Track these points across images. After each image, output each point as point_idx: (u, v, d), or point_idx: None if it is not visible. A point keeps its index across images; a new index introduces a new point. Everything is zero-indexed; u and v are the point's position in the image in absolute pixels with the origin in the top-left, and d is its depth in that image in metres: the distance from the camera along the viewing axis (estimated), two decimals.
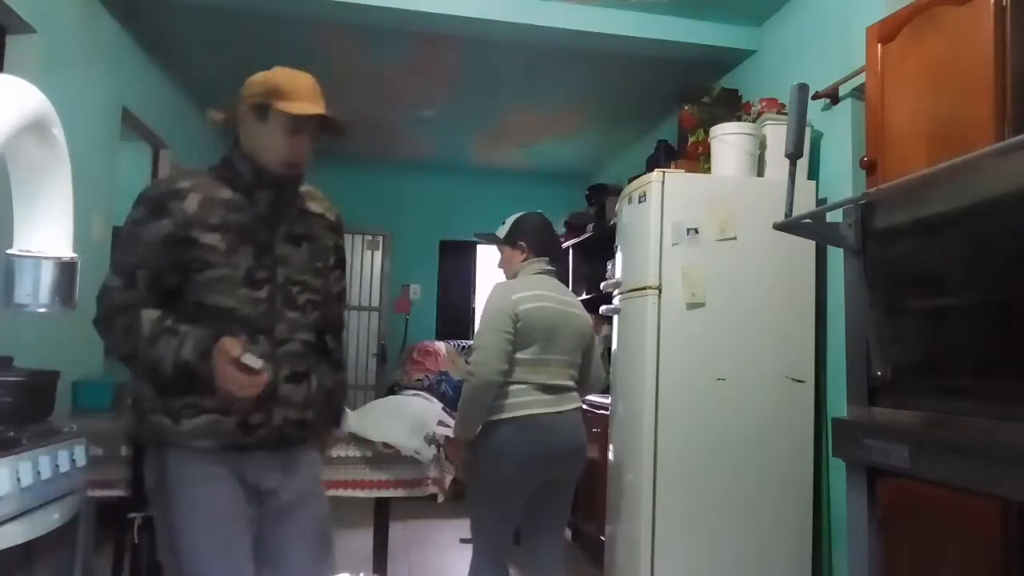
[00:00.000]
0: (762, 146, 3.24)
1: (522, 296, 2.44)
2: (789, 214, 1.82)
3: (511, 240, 2.65)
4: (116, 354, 1.67)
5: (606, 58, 4.07)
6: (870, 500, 1.64)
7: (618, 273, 3.46)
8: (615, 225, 3.63)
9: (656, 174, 3.06)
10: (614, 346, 3.48)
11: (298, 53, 2.21)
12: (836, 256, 2.90)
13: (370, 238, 6.89)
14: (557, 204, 6.23)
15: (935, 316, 1.55)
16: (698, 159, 3.41)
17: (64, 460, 1.98)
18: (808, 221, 1.85)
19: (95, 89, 3.54)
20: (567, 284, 5.57)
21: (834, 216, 1.80)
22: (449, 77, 4.51)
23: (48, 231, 0.94)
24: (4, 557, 1.68)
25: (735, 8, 3.67)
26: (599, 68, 4.25)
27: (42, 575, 1.88)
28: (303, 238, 1.79)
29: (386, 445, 2.68)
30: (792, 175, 1.81)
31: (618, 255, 3.50)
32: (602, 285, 4.10)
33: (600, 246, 4.94)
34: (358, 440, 2.68)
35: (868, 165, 2.48)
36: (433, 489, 2.77)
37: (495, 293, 2.49)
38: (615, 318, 3.46)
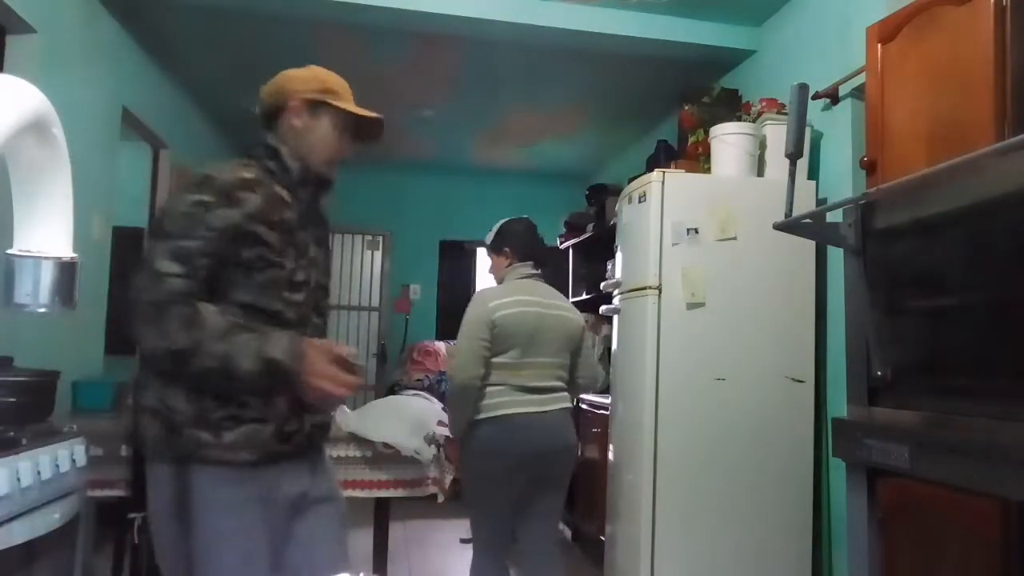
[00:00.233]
0: (762, 146, 3.24)
1: (499, 303, 2.53)
2: (789, 214, 1.82)
3: (496, 247, 2.75)
4: (165, 346, 1.44)
5: (606, 58, 4.07)
6: (870, 500, 1.64)
7: (618, 273, 3.45)
8: (615, 225, 3.63)
9: (656, 174, 3.07)
10: (614, 346, 3.48)
11: (298, 53, 2.20)
12: (836, 256, 2.90)
13: (370, 238, 6.89)
14: (557, 204, 6.25)
15: (935, 316, 1.55)
16: (698, 159, 3.41)
17: (64, 460, 1.98)
18: (808, 221, 1.85)
19: (95, 89, 3.54)
20: (567, 284, 5.65)
21: (834, 216, 1.80)
22: (449, 77, 4.51)
23: (48, 231, 0.94)
24: (4, 557, 1.68)
25: (735, 8, 3.67)
26: (599, 68, 4.25)
27: (42, 575, 1.88)
28: (323, 241, 1.76)
29: (386, 445, 2.68)
30: (792, 175, 1.81)
31: (618, 255, 3.50)
32: (602, 285, 4.10)
33: (600, 246, 4.94)
34: (358, 440, 2.68)
35: (868, 165, 2.48)
36: (433, 489, 2.77)
37: (474, 300, 2.61)
38: (615, 318, 3.46)
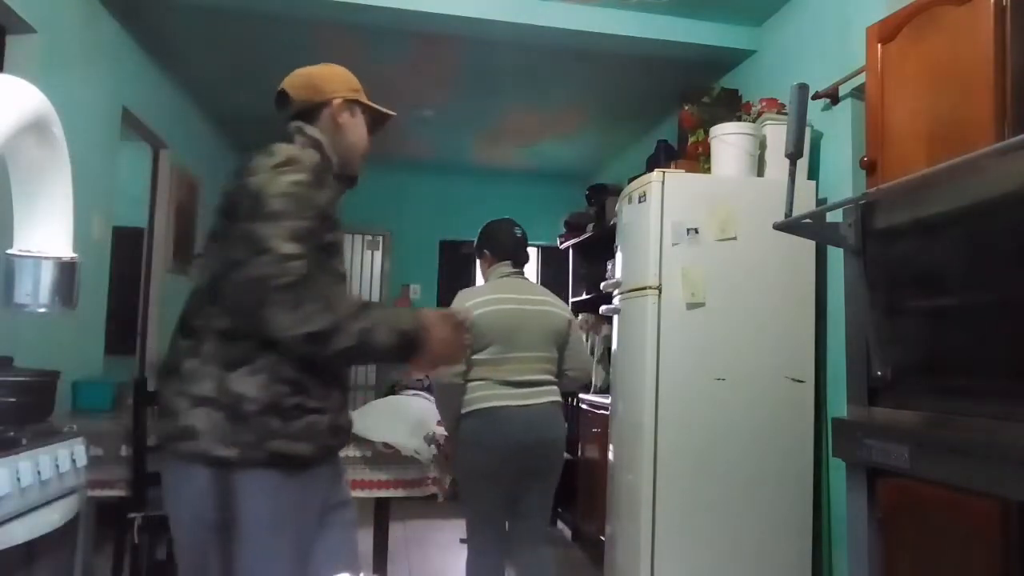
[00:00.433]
0: (762, 146, 3.24)
1: (475, 302, 2.63)
2: (789, 214, 1.82)
3: (479, 250, 2.88)
4: (304, 330, 1.36)
5: (606, 58, 4.07)
6: (870, 500, 1.64)
7: (618, 273, 3.45)
8: (615, 225, 3.63)
9: (656, 174, 3.06)
10: (614, 346, 3.48)
11: (298, 53, 2.21)
12: (836, 256, 2.90)
13: (370, 238, 6.89)
14: (557, 204, 6.25)
15: (935, 316, 1.55)
16: (698, 159, 3.41)
17: (64, 460, 1.98)
18: (808, 221, 1.85)
19: (95, 89, 3.54)
20: (567, 284, 5.66)
21: (834, 216, 1.80)
22: (449, 77, 4.51)
23: (48, 231, 0.94)
24: (4, 557, 1.68)
25: (735, 8, 3.67)
26: (599, 68, 4.25)
27: (42, 575, 1.88)
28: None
29: (386, 445, 2.69)
30: (792, 175, 1.81)
31: (618, 255, 3.50)
32: (602, 285, 4.10)
33: (600, 246, 4.94)
34: (358, 440, 2.68)
35: (868, 165, 2.48)
36: (433, 489, 2.78)
37: (454, 301, 2.70)
38: (615, 318, 3.46)
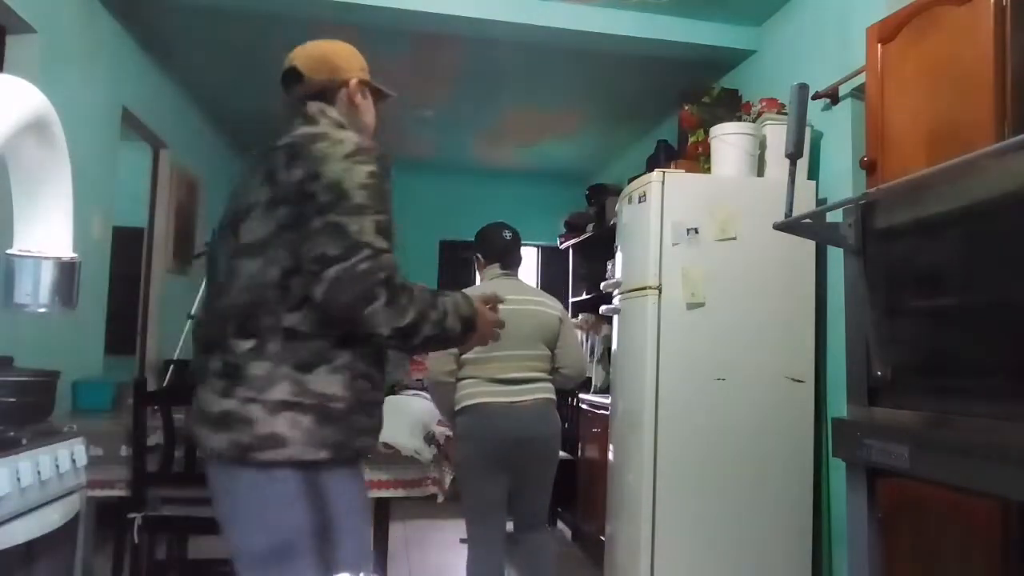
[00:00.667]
0: (762, 146, 3.24)
1: None
2: (789, 214, 1.82)
3: (474, 253, 2.99)
4: (398, 324, 1.37)
5: (606, 58, 4.07)
6: (870, 500, 1.64)
7: (618, 273, 3.45)
8: (615, 225, 3.63)
9: (656, 174, 3.06)
10: (614, 346, 3.48)
11: None
12: (836, 256, 2.90)
13: None
14: (557, 204, 6.25)
15: (935, 316, 1.55)
16: (698, 159, 3.40)
17: (64, 460, 1.98)
18: (808, 221, 1.85)
19: (95, 89, 3.54)
20: (567, 284, 5.66)
21: (834, 216, 1.80)
22: (449, 77, 4.51)
23: (48, 231, 0.94)
24: (4, 557, 1.68)
25: (735, 8, 3.67)
26: (599, 68, 4.25)
27: (42, 575, 1.89)
28: None
29: (386, 445, 2.68)
30: (792, 175, 1.81)
31: (618, 255, 3.50)
32: (602, 285, 4.10)
33: (600, 246, 4.94)
34: None
35: (868, 165, 2.48)
36: (433, 489, 2.77)
37: None
38: (615, 318, 3.46)
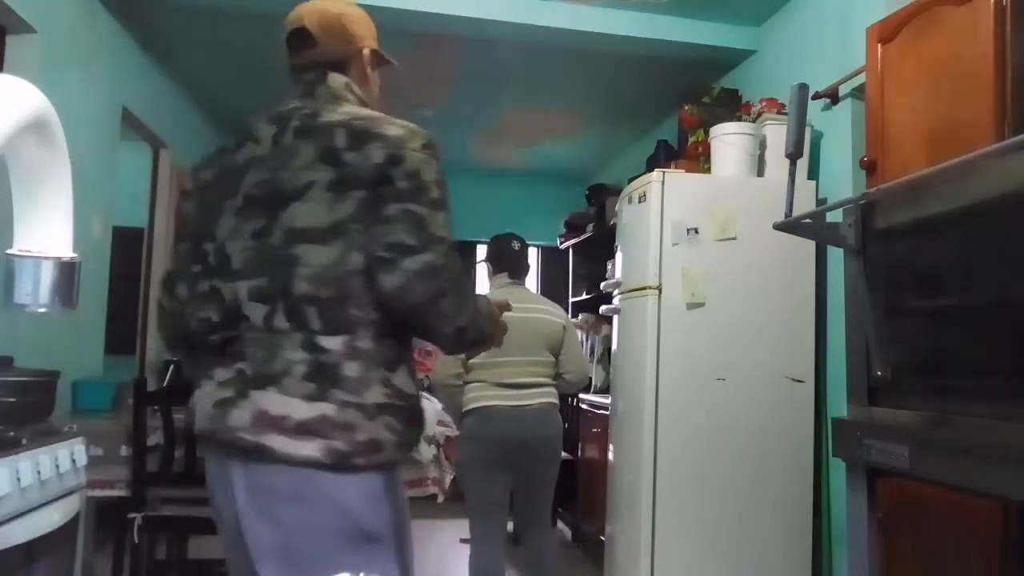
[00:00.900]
0: (762, 146, 3.24)
1: None
2: (789, 214, 1.82)
3: (485, 261, 3.16)
4: (462, 323, 1.33)
5: (606, 58, 4.06)
6: (870, 500, 1.64)
7: (618, 273, 3.45)
8: (615, 225, 3.63)
9: (656, 174, 3.06)
10: (614, 346, 3.48)
11: None
12: (836, 256, 2.90)
13: None
14: (557, 204, 6.24)
15: (935, 316, 1.55)
16: (698, 159, 3.40)
17: (64, 460, 1.98)
18: (808, 221, 1.85)
19: (95, 89, 3.54)
20: (567, 284, 5.67)
21: (834, 216, 1.80)
22: (449, 77, 4.51)
23: (48, 231, 0.94)
24: (4, 557, 1.68)
25: (735, 8, 3.67)
26: (599, 68, 4.25)
27: (42, 575, 1.89)
28: None
29: None
30: (792, 175, 1.81)
31: (618, 255, 3.50)
32: (602, 285, 4.10)
33: (600, 246, 4.94)
34: None
35: (868, 165, 2.48)
36: (433, 489, 2.77)
37: None
38: (615, 318, 3.46)
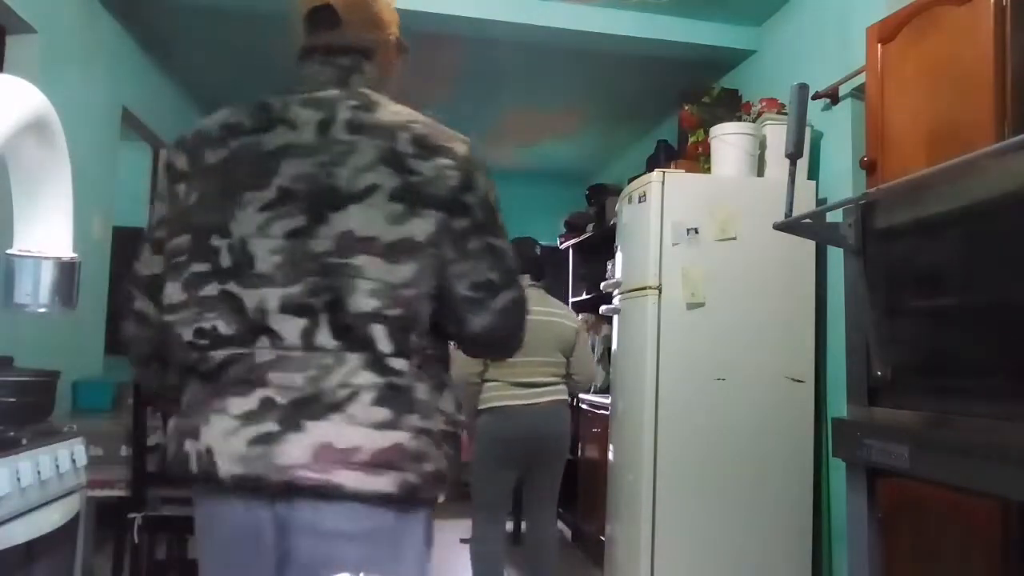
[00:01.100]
0: (762, 146, 3.24)
1: None
2: (789, 214, 1.82)
3: None
4: (520, 345, 1.30)
5: (606, 58, 4.06)
6: (870, 500, 1.64)
7: (618, 273, 3.45)
8: (615, 225, 3.63)
9: (656, 174, 3.06)
10: (614, 346, 3.48)
11: None
12: (836, 256, 2.90)
13: None
14: (557, 204, 6.24)
15: (935, 316, 1.55)
16: (698, 159, 3.41)
17: (64, 460, 1.98)
18: (808, 221, 1.85)
19: (95, 89, 3.53)
20: (567, 284, 5.67)
21: (834, 216, 1.80)
22: (449, 77, 4.51)
23: (48, 231, 0.94)
24: (4, 557, 1.68)
25: (735, 8, 3.67)
26: (599, 68, 4.25)
27: (42, 575, 1.89)
28: None
29: None
30: (792, 175, 1.81)
31: (618, 255, 3.50)
32: (602, 285, 4.10)
33: (600, 246, 4.94)
34: None
35: (868, 165, 2.48)
36: None
37: None
38: (615, 318, 3.46)
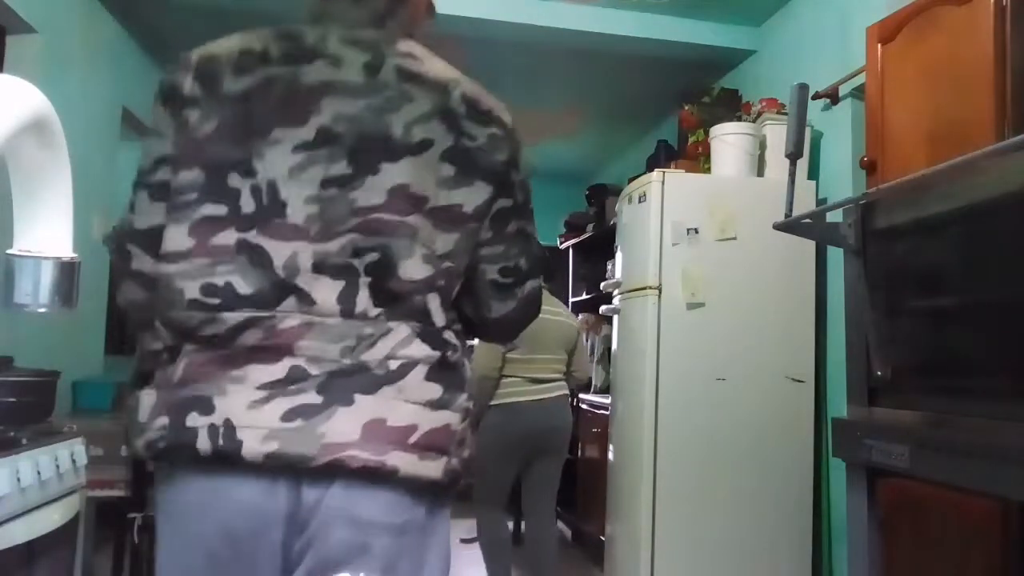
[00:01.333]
0: (762, 146, 3.23)
1: None
2: (789, 214, 1.82)
3: None
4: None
5: (606, 58, 4.06)
6: (870, 500, 1.64)
7: (618, 273, 3.45)
8: (615, 225, 3.63)
9: (656, 174, 3.06)
10: (614, 346, 3.48)
11: None
12: (836, 256, 2.90)
13: None
14: (557, 204, 6.24)
15: (935, 316, 1.55)
16: (698, 159, 3.41)
17: (64, 460, 1.98)
18: (808, 221, 1.85)
19: (95, 89, 3.53)
20: (567, 284, 5.67)
21: (834, 216, 1.80)
22: None
23: (48, 231, 0.95)
24: (4, 557, 1.68)
25: (735, 8, 3.67)
26: (599, 68, 4.25)
27: (42, 575, 1.89)
28: None
29: None
30: (792, 175, 1.81)
31: (618, 255, 3.50)
32: (602, 285, 4.10)
33: (600, 246, 4.93)
34: None
35: (868, 165, 2.48)
36: None
37: None
38: (615, 318, 3.46)
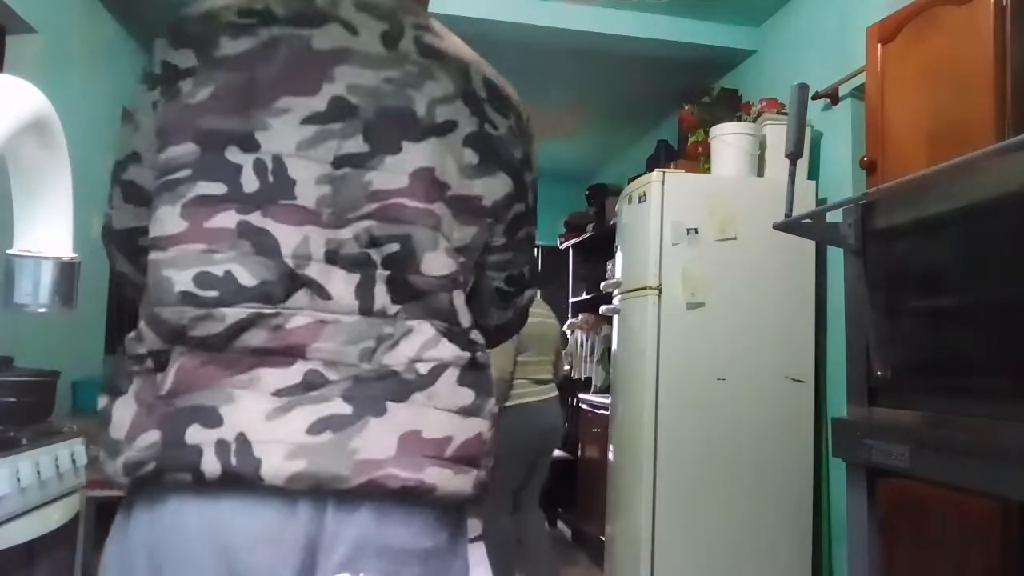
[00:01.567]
0: (762, 146, 3.24)
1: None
2: (789, 214, 1.82)
3: None
4: None
5: (606, 58, 4.06)
6: (870, 500, 1.64)
7: (618, 273, 3.46)
8: (615, 225, 3.63)
9: (656, 174, 3.07)
10: (614, 346, 3.48)
11: None
12: (836, 256, 2.90)
13: None
14: (557, 204, 6.24)
15: (935, 316, 1.55)
16: (698, 159, 3.41)
17: (64, 460, 1.98)
18: (808, 221, 1.85)
19: (95, 89, 3.53)
20: (567, 284, 5.69)
21: (834, 216, 1.80)
22: None
23: (48, 231, 0.95)
24: (4, 557, 1.68)
25: (735, 8, 3.67)
26: (599, 68, 4.25)
27: (42, 575, 1.89)
28: None
29: None
30: (792, 175, 1.81)
31: (618, 255, 3.50)
32: (602, 285, 4.10)
33: (600, 246, 4.94)
34: None
35: (868, 165, 2.48)
36: None
37: None
38: (615, 318, 3.46)
